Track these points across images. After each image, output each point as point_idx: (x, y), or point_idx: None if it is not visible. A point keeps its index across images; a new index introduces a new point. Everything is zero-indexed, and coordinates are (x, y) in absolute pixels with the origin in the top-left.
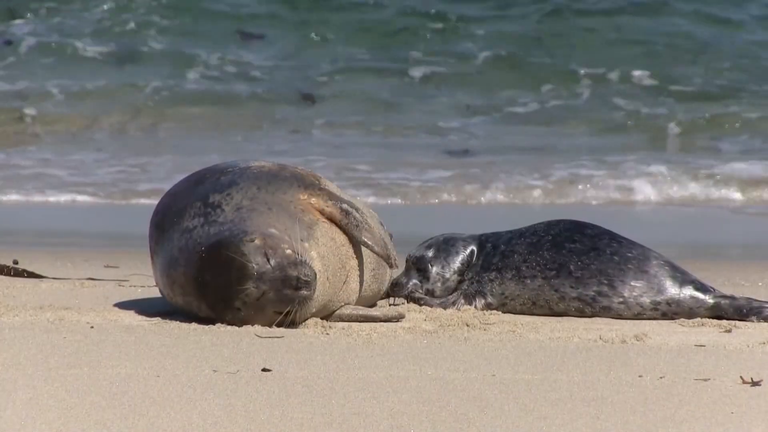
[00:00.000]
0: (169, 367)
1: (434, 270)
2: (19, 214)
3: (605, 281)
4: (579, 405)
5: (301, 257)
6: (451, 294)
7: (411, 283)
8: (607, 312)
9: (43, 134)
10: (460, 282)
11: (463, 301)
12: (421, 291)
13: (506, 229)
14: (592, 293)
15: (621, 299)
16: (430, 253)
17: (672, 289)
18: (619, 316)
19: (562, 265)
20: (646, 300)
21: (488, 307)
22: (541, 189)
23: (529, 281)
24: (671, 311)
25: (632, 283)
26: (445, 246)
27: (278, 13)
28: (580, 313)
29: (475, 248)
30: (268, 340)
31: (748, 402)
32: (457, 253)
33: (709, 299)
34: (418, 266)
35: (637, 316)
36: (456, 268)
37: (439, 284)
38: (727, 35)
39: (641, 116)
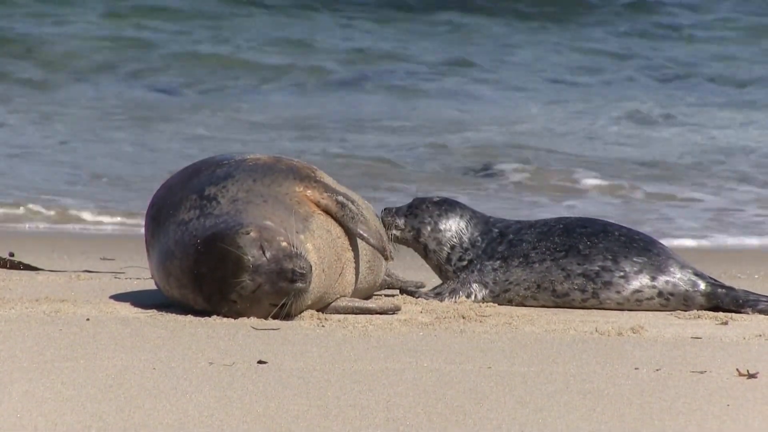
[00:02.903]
0: (165, 359)
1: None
2: None
3: (610, 257)
4: (575, 397)
5: (297, 249)
6: (443, 282)
7: (399, 221)
8: (608, 288)
9: None
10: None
11: (461, 291)
12: (403, 229)
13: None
14: (597, 268)
15: (622, 273)
16: (432, 206)
17: (671, 269)
18: (618, 293)
19: (571, 247)
20: (645, 276)
21: (489, 294)
22: None
23: (537, 265)
24: (667, 291)
25: (635, 259)
26: (449, 206)
27: None
28: (582, 291)
29: (478, 222)
30: (264, 332)
31: (744, 394)
32: (456, 215)
33: (705, 285)
34: (413, 210)
35: (635, 296)
36: (448, 228)
37: (425, 231)
38: None
39: None
